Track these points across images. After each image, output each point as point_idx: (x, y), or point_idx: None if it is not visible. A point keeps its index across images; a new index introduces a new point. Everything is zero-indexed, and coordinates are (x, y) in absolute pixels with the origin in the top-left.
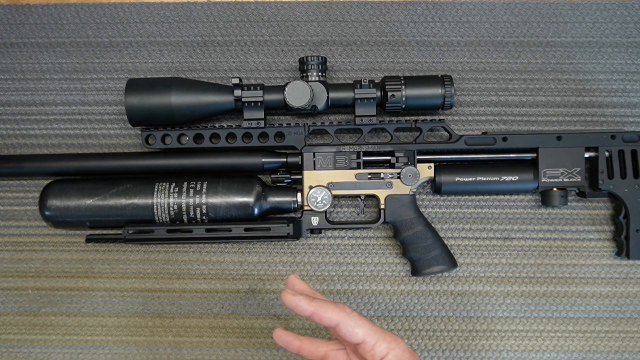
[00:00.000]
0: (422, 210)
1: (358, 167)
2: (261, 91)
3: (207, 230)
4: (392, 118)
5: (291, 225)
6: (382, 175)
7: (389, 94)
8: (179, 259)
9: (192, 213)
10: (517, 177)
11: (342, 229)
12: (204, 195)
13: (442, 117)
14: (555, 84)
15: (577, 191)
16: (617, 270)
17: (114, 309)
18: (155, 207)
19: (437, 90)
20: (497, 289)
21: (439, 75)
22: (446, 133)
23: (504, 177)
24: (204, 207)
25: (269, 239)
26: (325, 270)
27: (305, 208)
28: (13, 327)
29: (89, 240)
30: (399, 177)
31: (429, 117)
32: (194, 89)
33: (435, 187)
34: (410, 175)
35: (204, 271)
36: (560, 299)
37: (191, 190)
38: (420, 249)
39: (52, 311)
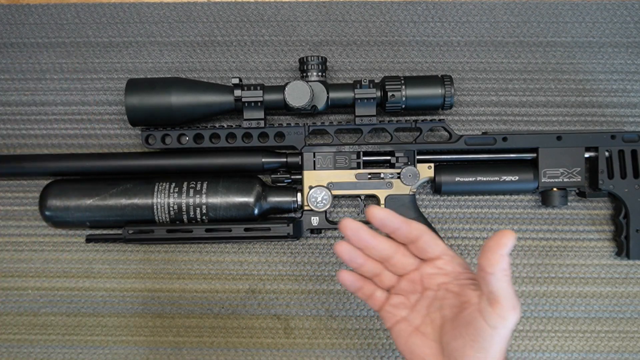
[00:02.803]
0: (422, 210)
1: (358, 167)
2: (261, 91)
3: (207, 230)
4: (392, 118)
5: (291, 225)
6: (382, 175)
7: (389, 94)
8: (179, 259)
9: (192, 213)
10: (517, 177)
11: None
12: (204, 195)
13: (442, 117)
14: (555, 84)
15: (577, 191)
16: (617, 270)
17: (114, 309)
18: (155, 207)
19: (437, 90)
20: None
21: (439, 75)
22: (446, 133)
23: (504, 177)
24: (204, 207)
25: (269, 239)
26: (325, 270)
27: (305, 208)
28: (13, 327)
29: (89, 240)
30: (399, 177)
31: (429, 117)
32: (194, 89)
33: (435, 187)
34: (410, 175)
35: (204, 271)
36: (560, 299)
37: (191, 190)
38: None
39: (52, 311)
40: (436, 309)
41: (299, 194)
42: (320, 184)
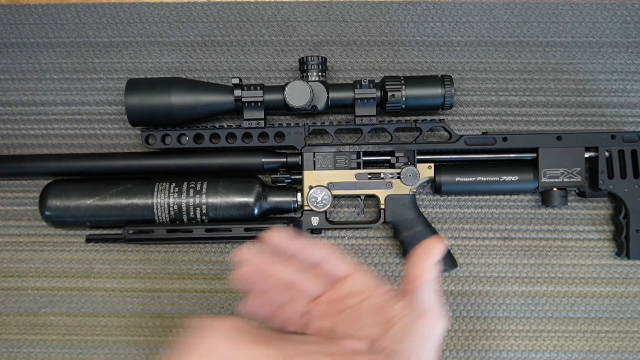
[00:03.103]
0: (422, 210)
1: (358, 167)
2: (261, 91)
3: (207, 230)
4: (392, 118)
5: (291, 225)
6: (382, 175)
7: (389, 94)
8: (179, 259)
9: (192, 213)
10: (517, 177)
11: (342, 229)
12: (204, 195)
13: (442, 117)
14: (555, 84)
15: (577, 191)
16: (617, 270)
17: (114, 309)
18: (155, 207)
19: (437, 90)
20: (497, 289)
21: (439, 75)
22: (446, 133)
23: (504, 177)
24: (204, 207)
25: None
26: None
27: (305, 208)
28: (13, 327)
29: (89, 240)
30: (399, 177)
31: (429, 117)
32: (194, 89)
33: (435, 187)
34: (410, 175)
35: (204, 271)
36: (560, 299)
37: (191, 190)
38: None
39: (52, 311)
40: (360, 329)
41: (299, 194)
42: (320, 184)
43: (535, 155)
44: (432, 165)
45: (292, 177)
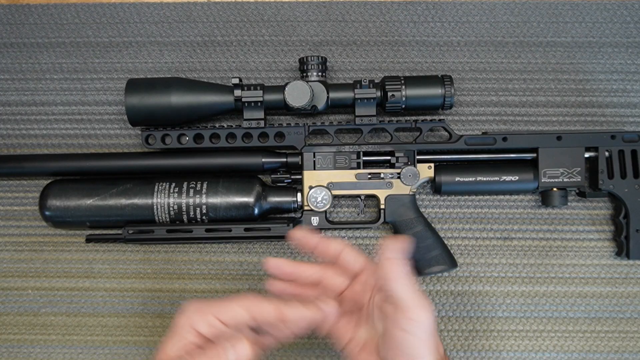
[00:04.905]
0: (422, 210)
1: (358, 167)
2: (261, 91)
3: (207, 230)
4: (392, 118)
5: (291, 225)
6: (382, 175)
7: (389, 94)
8: (179, 259)
9: (192, 213)
10: (517, 177)
11: (342, 229)
12: (204, 195)
13: (442, 117)
14: (555, 84)
15: (577, 191)
16: (617, 270)
17: (114, 309)
18: (155, 207)
19: (437, 90)
20: (497, 289)
21: (439, 75)
22: (446, 133)
23: (504, 177)
24: (204, 207)
25: (269, 239)
26: None
27: (305, 208)
28: (13, 327)
29: (89, 240)
30: (399, 177)
31: (429, 117)
32: (194, 89)
33: (435, 187)
34: (410, 175)
35: (204, 271)
36: (560, 299)
37: (191, 190)
38: (420, 249)
39: (52, 311)
40: (372, 325)
41: (299, 194)
42: (320, 184)
43: (535, 155)
44: (432, 165)
45: (292, 177)
